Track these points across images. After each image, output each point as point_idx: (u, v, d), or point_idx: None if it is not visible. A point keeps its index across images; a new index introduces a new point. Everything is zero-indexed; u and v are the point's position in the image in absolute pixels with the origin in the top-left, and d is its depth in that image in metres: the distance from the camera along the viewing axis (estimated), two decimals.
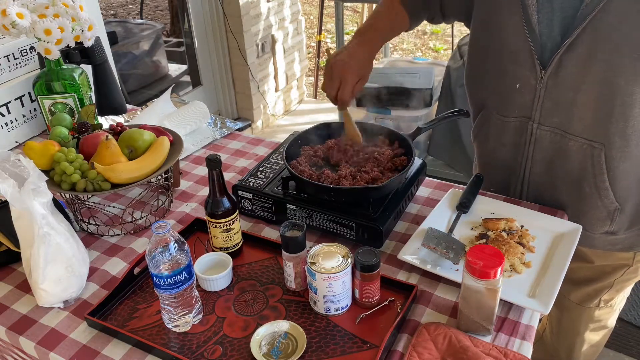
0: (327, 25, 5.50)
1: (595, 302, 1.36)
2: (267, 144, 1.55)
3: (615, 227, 1.21)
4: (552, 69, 1.09)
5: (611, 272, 1.31)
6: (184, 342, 0.94)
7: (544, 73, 1.10)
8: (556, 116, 1.13)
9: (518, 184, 1.28)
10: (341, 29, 2.98)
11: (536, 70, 1.11)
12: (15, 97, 1.50)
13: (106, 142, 1.12)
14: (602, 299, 1.35)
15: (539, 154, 1.20)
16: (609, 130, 1.08)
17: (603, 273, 1.31)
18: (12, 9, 1.21)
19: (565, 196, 1.21)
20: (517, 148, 1.23)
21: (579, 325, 1.42)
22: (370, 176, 1.14)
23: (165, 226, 0.88)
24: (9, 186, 0.91)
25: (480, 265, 0.84)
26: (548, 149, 1.18)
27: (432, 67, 3.04)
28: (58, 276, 0.98)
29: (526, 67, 1.12)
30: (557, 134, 1.15)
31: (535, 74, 1.12)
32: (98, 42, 1.49)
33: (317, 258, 0.94)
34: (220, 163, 1.01)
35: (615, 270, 1.30)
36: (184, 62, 3.62)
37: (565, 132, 1.14)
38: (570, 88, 1.08)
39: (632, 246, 1.25)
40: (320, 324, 0.96)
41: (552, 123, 1.15)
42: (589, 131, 1.11)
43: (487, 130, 1.29)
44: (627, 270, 1.29)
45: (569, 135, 1.13)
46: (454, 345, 0.89)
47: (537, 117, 1.16)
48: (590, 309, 1.37)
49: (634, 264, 1.28)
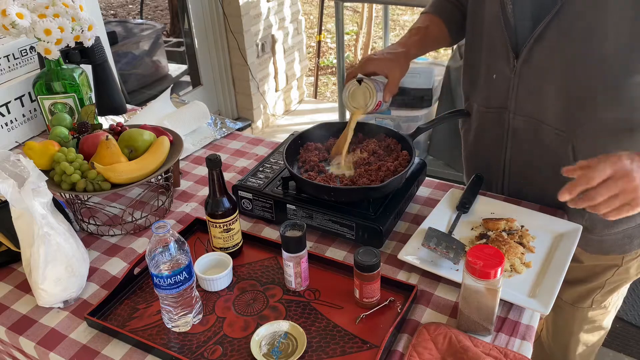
0: (327, 25, 5.50)
1: (588, 303, 1.36)
2: (267, 144, 1.55)
3: (588, 224, 1.19)
4: (523, 58, 1.11)
5: (601, 273, 1.31)
6: (184, 342, 0.93)
7: (516, 62, 1.12)
8: (529, 106, 1.15)
9: (500, 175, 1.29)
10: (341, 29, 2.98)
11: (510, 60, 1.13)
12: (15, 97, 1.50)
13: (106, 142, 1.12)
14: (595, 300, 1.35)
15: (517, 145, 1.22)
16: (574, 121, 1.10)
17: (594, 273, 1.31)
18: (12, 9, 1.21)
19: (546, 187, 1.21)
20: (496, 139, 1.25)
21: (572, 325, 1.42)
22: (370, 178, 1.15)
23: (165, 226, 0.88)
24: (9, 186, 0.91)
25: (480, 265, 0.84)
26: (524, 139, 1.20)
27: (432, 67, 3.04)
28: (58, 276, 0.98)
29: (502, 58, 1.15)
30: (531, 123, 1.17)
31: (509, 64, 1.14)
32: (98, 42, 1.49)
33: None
34: (220, 163, 1.01)
35: (605, 271, 1.30)
36: (184, 62, 3.62)
37: (538, 122, 1.15)
38: (540, 77, 1.11)
39: (608, 251, 1.25)
40: (320, 324, 0.96)
41: (526, 113, 1.16)
42: (558, 121, 1.12)
43: (469, 123, 1.33)
44: (617, 271, 1.29)
45: (542, 124, 1.15)
46: (454, 345, 0.89)
47: (513, 107, 1.18)
48: (584, 310, 1.37)
49: (623, 264, 1.28)
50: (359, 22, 4.80)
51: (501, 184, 1.30)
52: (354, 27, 5.54)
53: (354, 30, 5.41)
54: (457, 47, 2.76)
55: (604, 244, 1.24)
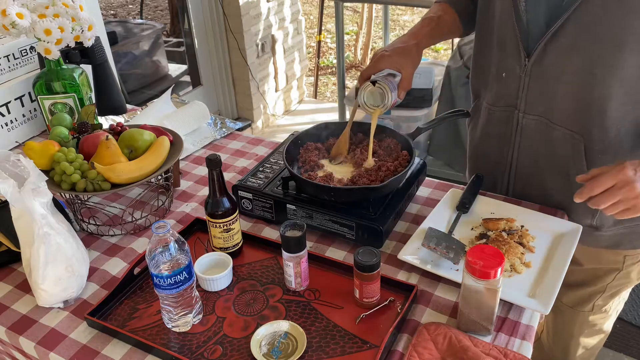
0: (327, 25, 5.50)
1: (589, 307, 1.36)
2: (267, 144, 1.55)
3: (598, 222, 1.19)
4: (535, 58, 1.09)
5: (602, 276, 1.30)
6: (184, 342, 0.93)
7: (527, 61, 1.11)
8: (540, 106, 1.14)
9: (505, 174, 1.28)
10: (341, 29, 2.98)
11: (521, 59, 1.12)
12: (15, 97, 1.50)
13: (106, 142, 1.12)
14: (596, 304, 1.35)
15: (525, 144, 1.21)
16: (588, 122, 1.09)
17: (595, 277, 1.31)
18: (12, 9, 1.21)
19: (551, 187, 1.21)
20: (504, 138, 1.24)
21: (572, 328, 1.42)
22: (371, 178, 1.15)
23: (165, 226, 0.88)
24: (9, 186, 0.91)
25: (480, 265, 0.84)
26: (533, 138, 1.19)
27: (432, 67, 3.04)
28: (58, 276, 0.98)
29: (512, 56, 1.14)
30: (542, 123, 1.16)
31: (520, 63, 1.12)
32: (98, 42, 1.49)
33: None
34: (220, 163, 1.01)
35: (606, 275, 1.30)
36: (184, 62, 3.62)
37: (549, 122, 1.14)
38: (552, 77, 1.09)
39: (617, 244, 1.25)
40: (320, 324, 0.96)
41: (537, 112, 1.15)
42: (570, 122, 1.11)
43: (477, 121, 1.32)
44: (618, 275, 1.29)
45: (553, 124, 1.14)
46: (454, 345, 0.89)
47: (522, 107, 1.17)
48: (584, 314, 1.37)
49: (624, 268, 1.28)
50: (359, 22, 4.80)
51: (506, 182, 1.29)
52: (354, 27, 5.53)
53: (354, 30, 5.41)
54: (457, 47, 2.76)
55: (615, 237, 1.24)
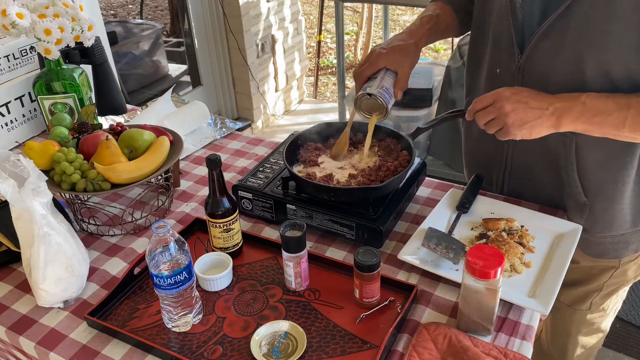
0: (327, 25, 5.50)
1: (587, 305, 1.36)
2: (267, 144, 1.55)
3: (585, 224, 1.19)
4: (527, 54, 1.10)
5: (598, 275, 1.30)
6: (184, 342, 0.94)
7: (520, 58, 1.11)
8: None
9: (500, 173, 1.28)
10: (341, 29, 2.98)
11: (515, 55, 1.12)
12: (15, 97, 1.50)
13: (106, 142, 1.12)
14: (593, 302, 1.35)
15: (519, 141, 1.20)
16: None
17: (591, 275, 1.31)
18: (12, 9, 1.21)
19: (545, 185, 1.21)
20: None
21: (570, 327, 1.42)
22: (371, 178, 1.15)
23: (165, 226, 0.88)
24: (9, 186, 0.91)
25: (480, 265, 0.84)
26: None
27: (432, 67, 3.04)
28: (58, 276, 0.98)
29: (506, 52, 1.14)
30: None
31: (513, 59, 1.13)
32: (98, 42, 1.49)
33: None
34: (220, 163, 1.01)
35: (603, 273, 1.30)
36: (184, 62, 3.62)
37: None
38: (543, 75, 1.09)
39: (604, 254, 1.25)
40: (320, 324, 0.96)
41: None
42: None
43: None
44: (615, 273, 1.29)
45: None
46: (454, 345, 0.89)
47: None
48: (582, 312, 1.37)
49: (620, 266, 1.28)
50: (359, 22, 4.80)
51: (502, 179, 1.29)
52: (354, 27, 5.53)
53: (354, 30, 5.41)
54: (457, 47, 2.76)
55: (601, 246, 1.24)
